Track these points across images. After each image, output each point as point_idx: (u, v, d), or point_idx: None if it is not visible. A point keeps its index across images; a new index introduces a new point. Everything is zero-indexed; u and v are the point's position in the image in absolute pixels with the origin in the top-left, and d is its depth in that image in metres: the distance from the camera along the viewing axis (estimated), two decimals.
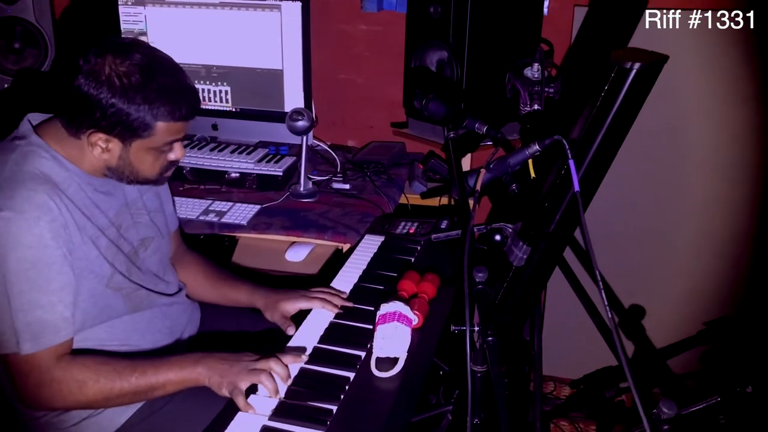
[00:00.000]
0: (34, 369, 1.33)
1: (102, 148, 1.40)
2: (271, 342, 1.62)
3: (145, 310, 1.56)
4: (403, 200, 2.46)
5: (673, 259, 2.57)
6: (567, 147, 1.26)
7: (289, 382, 1.37)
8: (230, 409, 1.31)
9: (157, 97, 1.36)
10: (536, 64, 1.77)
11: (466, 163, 2.41)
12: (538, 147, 1.33)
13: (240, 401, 1.30)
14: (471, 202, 1.35)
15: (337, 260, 2.11)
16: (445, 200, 2.43)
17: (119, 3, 2.50)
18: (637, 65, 1.18)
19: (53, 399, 1.35)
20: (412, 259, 1.88)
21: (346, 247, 2.08)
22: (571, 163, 1.24)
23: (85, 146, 1.41)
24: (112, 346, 1.50)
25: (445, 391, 1.70)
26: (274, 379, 1.34)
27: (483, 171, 1.39)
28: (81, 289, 1.41)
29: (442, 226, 2.06)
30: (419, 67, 2.24)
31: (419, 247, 1.95)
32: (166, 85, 1.38)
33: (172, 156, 1.49)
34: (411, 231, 2.06)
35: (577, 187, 1.22)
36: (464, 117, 1.59)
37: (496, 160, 1.40)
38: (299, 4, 2.35)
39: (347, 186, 2.42)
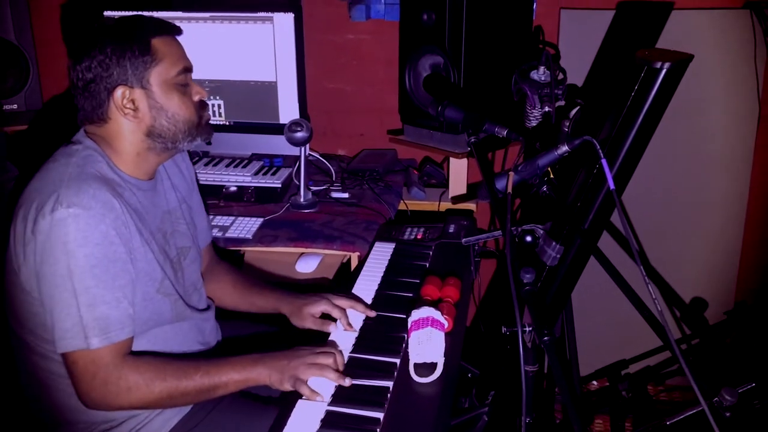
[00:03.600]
0: (102, 365, 1.32)
1: (132, 109, 1.42)
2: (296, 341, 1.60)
3: (184, 321, 1.56)
4: (402, 206, 2.47)
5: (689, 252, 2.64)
6: (598, 147, 1.29)
7: (333, 391, 1.37)
8: (280, 421, 1.30)
9: (139, 22, 1.45)
10: (542, 67, 1.80)
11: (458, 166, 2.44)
12: (567, 147, 1.36)
13: (305, 390, 1.35)
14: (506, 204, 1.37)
15: (348, 269, 2.12)
16: (445, 204, 2.47)
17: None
18: (667, 65, 1.22)
19: (120, 397, 1.33)
20: (427, 264, 1.89)
21: (355, 255, 2.08)
22: (604, 162, 1.27)
23: (124, 134, 1.44)
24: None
25: (478, 393, 1.72)
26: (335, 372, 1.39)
27: (512, 174, 1.41)
28: (137, 290, 1.41)
29: (450, 231, 2.08)
30: (431, 75, 2.26)
31: (431, 252, 1.96)
32: (139, 17, 1.48)
33: (196, 96, 1.50)
34: (419, 237, 2.07)
35: (612, 186, 1.25)
36: (483, 122, 1.61)
37: (524, 162, 1.42)
38: (292, 15, 2.34)
39: (346, 195, 2.41)
